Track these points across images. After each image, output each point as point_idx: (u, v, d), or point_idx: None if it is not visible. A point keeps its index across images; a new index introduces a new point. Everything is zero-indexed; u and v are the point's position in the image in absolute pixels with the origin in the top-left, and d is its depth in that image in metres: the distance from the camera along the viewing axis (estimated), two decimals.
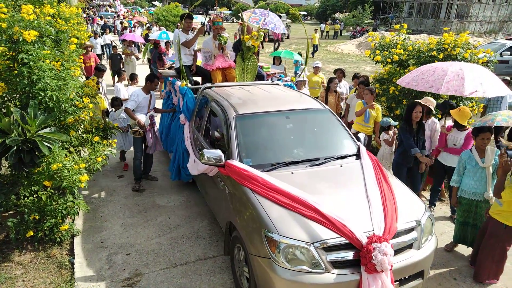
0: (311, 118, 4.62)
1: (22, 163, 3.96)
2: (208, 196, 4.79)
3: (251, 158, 3.91)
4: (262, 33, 5.97)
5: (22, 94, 4.24)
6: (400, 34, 7.17)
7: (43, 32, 4.34)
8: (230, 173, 3.74)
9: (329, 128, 4.54)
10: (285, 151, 4.12)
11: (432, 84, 4.90)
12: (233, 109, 4.33)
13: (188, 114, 5.42)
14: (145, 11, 38.96)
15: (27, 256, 4.23)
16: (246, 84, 5.69)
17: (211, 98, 4.93)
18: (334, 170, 3.89)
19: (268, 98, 4.85)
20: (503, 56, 14.86)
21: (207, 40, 6.25)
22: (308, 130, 4.55)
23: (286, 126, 4.42)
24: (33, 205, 4.15)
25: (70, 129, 4.63)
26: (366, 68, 18.67)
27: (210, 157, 3.85)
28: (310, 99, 4.96)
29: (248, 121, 4.27)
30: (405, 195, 3.71)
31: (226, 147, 4.10)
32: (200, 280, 3.94)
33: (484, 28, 35.45)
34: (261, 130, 4.32)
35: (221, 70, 6.26)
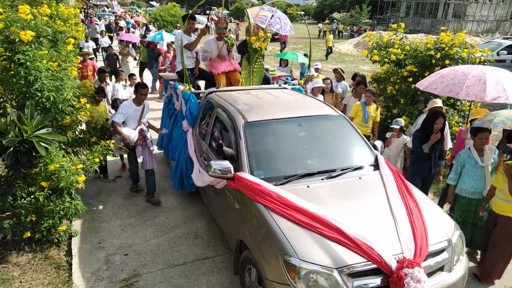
0: (324, 125, 4.31)
1: (19, 163, 3.94)
2: (215, 209, 4.54)
3: (262, 170, 3.62)
4: (269, 34, 5.73)
5: (19, 95, 4.22)
6: (398, 34, 7.18)
7: (40, 32, 4.32)
8: (240, 187, 3.46)
9: (344, 135, 4.25)
10: (298, 162, 3.84)
11: (451, 88, 4.71)
12: (242, 116, 4.05)
13: (191, 120, 5.15)
14: (142, 11, 38.87)
15: (24, 257, 4.22)
16: (252, 88, 5.45)
17: (217, 103, 4.67)
18: (353, 183, 3.59)
19: (278, 104, 4.57)
20: (500, 56, 14.89)
21: (210, 40, 5.97)
22: (322, 139, 4.22)
23: (299, 134, 4.11)
24: (30, 206, 4.13)
25: (68, 129, 4.62)
26: (364, 67, 18.70)
27: (218, 169, 3.55)
28: (322, 104, 4.68)
29: (258, 129, 3.98)
30: (432, 211, 3.41)
31: (235, 157, 3.81)
32: (198, 280, 3.93)
33: (481, 28, 35.57)
34: (272, 139, 4.03)
35: (225, 74, 5.94)
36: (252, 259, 3.19)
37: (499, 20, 36.86)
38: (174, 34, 14.85)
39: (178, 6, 27.77)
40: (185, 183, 5.27)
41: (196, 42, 5.87)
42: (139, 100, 5.20)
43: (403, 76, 6.58)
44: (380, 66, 7.15)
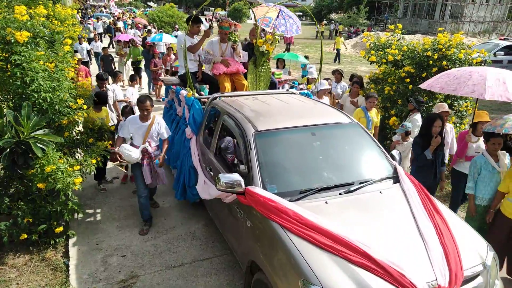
0: (339, 133, 4.04)
1: (15, 165, 3.93)
2: (222, 224, 4.22)
3: (275, 184, 3.35)
4: (277, 37, 5.46)
5: (16, 96, 4.20)
6: (395, 35, 7.20)
7: (37, 33, 4.30)
8: (252, 203, 3.17)
9: (360, 145, 3.98)
10: (313, 174, 3.58)
11: (473, 89, 4.60)
12: (251, 125, 3.77)
13: (195, 127, 4.84)
14: (140, 12, 38.84)
15: (21, 258, 4.20)
16: (259, 93, 5.15)
17: (223, 110, 4.39)
18: (374, 198, 3.31)
19: (288, 111, 4.30)
20: (497, 56, 14.97)
21: (213, 41, 5.70)
22: (337, 149, 3.95)
23: (313, 144, 3.84)
24: (26, 207, 4.11)
25: (65, 130, 4.60)
26: (362, 68, 18.74)
27: (227, 183, 3.28)
28: (335, 111, 4.41)
29: (269, 139, 3.71)
30: (462, 230, 3.14)
31: (246, 170, 3.54)
32: (196, 282, 3.92)
33: (478, 28, 35.71)
34: (285, 150, 3.75)
35: (229, 77, 5.64)
36: (267, 283, 2.92)
37: (496, 21, 37.01)
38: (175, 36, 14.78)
39: (176, 7, 27.73)
40: (188, 193, 5.00)
41: (199, 44, 5.57)
42: (142, 115, 4.61)
43: (400, 77, 6.60)
44: (378, 67, 7.16)
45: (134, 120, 4.66)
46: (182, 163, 5.08)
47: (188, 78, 5.02)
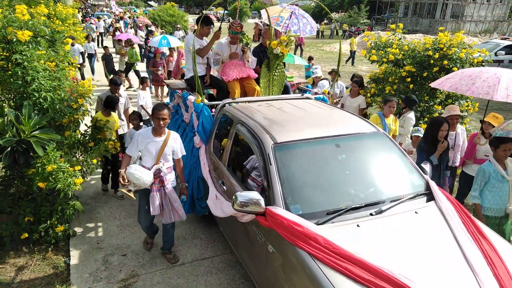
0: (365, 144, 3.68)
1: (16, 164, 3.94)
2: (237, 244, 3.80)
3: (300, 204, 3.02)
4: (292, 38, 5.08)
5: (17, 95, 4.21)
6: (396, 34, 7.19)
7: (38, 32, 4.31)
8: (274, 226, 2.83)
9: (388, 157, 3.66)
10: (340, 192, 3.25)
11: (487, 91, 4.50)
12: (269, 136, 3.42)
13: (204, 136, 4.52)
14: (140, 11, 38.84)
15: (22, 258, 4.20)
16: (272, 98, 4.84)
17: (235, 118, 4.05)
18: (409, 220, 2.98)
19: (307, 119, 3.94)
20: (498, 56, 14.95)
21: (222, 42, 5.41)
22: (363, 162, 3.57)
23: (338, 157, 3.50)
24: (27, 206, 4.12)
25: (66, 129, 4.61)
26: (362, 67, 18.71)
27: (245, 202, 2.92)
28: (357, 118, 4.05)
29: (290, 152, 3.37)
30: (510, 254, 2.81)
31: (265, 186, 3.20)
32: (196, 281, 3.92)
33: (479, 28, 35.67)
34: (308, 164, 3.40)
35: (239, 81, 5.30)
36: None
37: (497, 21, 36.96)
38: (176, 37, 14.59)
39: (177, 6, 27.73)
40: (197, 206, 4.65)
41: (208, 47, 5.24)
42: (157, 129, 3.80)
43: (401, 76, 6.59)
44: (379, 66, 7.15)
45: (146, 134, 3.83)
46: (190, 174, 4.70)
47: (197, 82, 4.68)
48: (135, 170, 3.64)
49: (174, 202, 3.93)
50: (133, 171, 3.64)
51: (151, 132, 3.84)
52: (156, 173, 3.81)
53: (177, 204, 3.96)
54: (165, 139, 3.86)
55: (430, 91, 6.50)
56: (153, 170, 3.79)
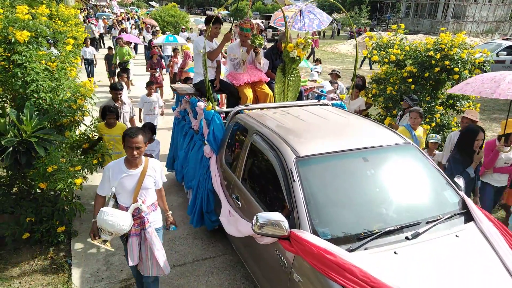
0: (394, 158, 3.38)
1: (18, 164, 3.94)
2: (254, 266, 3.42)
3: (328, 227, 2.72)
4: (310, 41, 4.74)
5: (18, 95, 4.22)
6: (397, 34, 7.18)
7: (39, 32, 4.32)
8: (301, 253, 2.53)
9: (420, 171, 3.36)
10: (371, 212, 2.94)
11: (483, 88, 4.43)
12: (291, 149, 3.12)
13: (215, 145, 4.24)
14: (142, 12, 38.89)
15: (23, 257, 4.21)
16: (287, 105, 4.58)
17: (250, 127, 3.75)
18: (452, 246, 2.70)
19: (330, 129, 3.65)
20: (500, 56, 14.92)
21: (233, 45, 5.18)
22: (394, 177, 3.25)
23: (366, 172, 3.20)
24: (29, 206, 4.13)
25: (66, 130, 4.61)
26: (364, 68, 18.69)
27: (267, 224, 2.63)
28: (383, 128, 3.73)
29: (315, 167, 3.08)
30: None
31: (288, 206, 2.90)
32: (198, 281, 3.92)
33: (480, 28, 35.63)
34: (335, 181, 3.11)
35: (250, 86, 5.07)
36: None
37: (498, 21, 36.90)
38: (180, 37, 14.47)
39: (178, 6, 27.77)
40: (206, 219, 4.39)
41: (219, 49, 5.01)
42: (131, 158, 3.06)
43: (402, 77, 6.58)
44: (380, 67, 7.15)
45: (117, 167, 3.11)
46: (199, 185, 4.43)
47: (207, 88, 4.35)
48: (107, 215, 2.98)
49: (156, 250, 3.15)
50: (105, 216, 2.97)
51: (123, 163, 3.11)
52: (135, 213, 3.12)
53: (159, 252, 3.17)
54: (142, 171, 3.12)
55: (431, 92, 6.50)
56: (131, 210, 3.10)
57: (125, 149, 3.04)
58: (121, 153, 4.53)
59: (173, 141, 5.95)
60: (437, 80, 6.38)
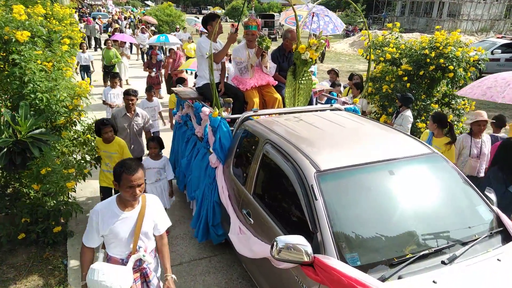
0: (422, 171, 3.09)
1: (13, 164, 3.92)
2: None
3: (357, 252, 2.43)
4: (323, 41, 4.42)
5: (13, 95, 4.20)
6: (393, 33, 7.21)
7: (35, 32, 4.30)
8: (329, 284, 2.26)
9: (449, 185, 3.09)
10: (402, 233, 2.64)
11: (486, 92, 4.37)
12: (310, 161, 2.81)
13: (222, 154, 3.94)
14: (138, 11, 38.76)
15: (19, 258, 4.19)
16: (298, 110, 4.32)
17: (262, 136, 3.42)
18: (494, 271, 2.43)
19: (349, 138, 3.36)
20: (494, 54, 15.03)
21: (239, 47, 4.85)
22: (424, 193, 2.96)
23: (393, 187, 2.92)
24: (24, 207, 4.11)
25: (62, 130, 4.59)
26: (360, 67, 18.74)
27: (287, 249, 2.33)
28: (406, 136, 3.45)
29: (338, 183, 2.78)
30: None
31: (310, 228, 2.57)
32: (194, 281, 3.93)
33: (475, 27, 35.82)
34: (360, 198, 2.79)
35: (257, 90, 4.76)
36: None
37: (493, 19, 37.12)
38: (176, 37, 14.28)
39: (174, 5, 27.70)
40: (211, 233, 4.13)
41: (224, 51, 4.69)
42: (130, 200, 2.47)
43: (398, 75, 6.61)
44: (376, 65, 7.17)
45: (108, 210, 2.47)
46: (204, 197, 4.17)
47: (214, 94, 4.00)
48: (101, 275, 2.32)
49: None
50: (98, 276, 2.32)
51: (116, 205, 2.48)
52: (135, 266, 2.53)
53: None
54: (140, 211, 2.51)
55: (427, 90, 6.53)
56: (131, 264, 2.48)
57: (122, 190, 2.39)
58: None
59: (174, 147, 5.69)
60: (432, 78, 6.41)
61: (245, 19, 4.96)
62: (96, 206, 2.54)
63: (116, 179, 2.42)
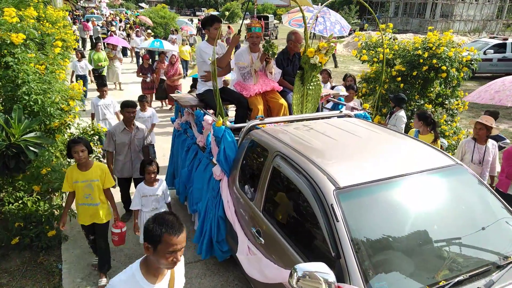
0: (447, 185, 2.86)
1: (6, 168, 3.89)
2: None
3: (385, 280, 2.20)
4: (333, 44, 4.18)
5: (6, 98, 4.17)
6: (386, 34, 7.25)
7: (27, 35, 4.28)
8: None
9: (477, 200, 2.87)
10: (433, 256, 2.41)
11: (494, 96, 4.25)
12: (327, 177, 2.55)
13: (226, 166, 3.68)
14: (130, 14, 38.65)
15: (13, 263, 4.16)
16: (308, 118, 4.11)
17: (271, 147, 3.16)
18: None
19: (366, 149, 3.10)
20: (487, 54, 15.15)
21: (241, 51, 4.57)
22: (451, 209, 2.75)
23: (419, 204, 2.67)
24: (18, 211, 4.08)
25: (56, 133, 4.57)
26: (354, 67, 18.82)
27: (308, 277, 2.08)
28: (425, 145, 3.21)
29: (361, 201, 2.54)
30: None
31: (331, 253, 2.31)
32: (190, 283, 3.91)
33: (468, 27, 36.14)
34: (385, 217, 2.54)
35: (261, 96, 4.50)
36: None
37: (485, 20, 37.47)
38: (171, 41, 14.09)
39: (168, 7, 27.67)
40: (216, 249, 3.89)
41: (228, 55, 4.42)
42: (159, 266, 1.96)
43: (392, 76, 6.65)
44: (370, 66, 7.21)
45: (131, 283, 1.95)
46: (208, 211, 3.93)
47: (218, 103, 3.74)
48: None
49: None
50: None
51: (141, 274, 1.96)
52: None
53: None
54: (170, 280, 2.09)
55: (420, 90, 6.57)
56: None
57: (161, 255, 1.87)
58: (98, 205, 3.60)
59: (173, 155, 5.40)
60: (425, 79, 6.45)
61: (246, 21, 4.73)
62: (115, 280, 1.96)
63: (152, 240, 1.86)
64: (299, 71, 4.36)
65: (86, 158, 3.49)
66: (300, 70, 4.34)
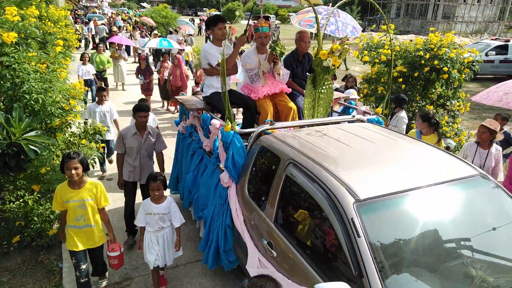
0: (472, 196, 2.73)
1: (7, 167, 3.90)
2: None
3: None
4: (347, 47, 4.00)
5: (6, 98, 4.17)
6: (388, 35, 7.25)
7: (28, 34, 4.28)
8: None
9: (502, 212, 2.71)
10: (460, 274, 2.30)
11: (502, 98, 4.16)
12: (346, 188, 2.39)
13: (235, 173, 3.51)
14: (132, 13, 38.70)
15: (14, 261, 4.16)
16: (319, 122, 3.96)
17: (283, 155, 3.00)
18: None
19: (384, 156, 2.94)
20: (489, 56, 15.14)
21: (248, 53, 4.43)
22: (477, 223, 2.61)
23: (444, 217, 2.53)
24: (18, 210, 4.08)
25: (57, 132, 4.57)
26: (355, 68, 18.80)
27: None
28: (443, 153, 3.05)
29: (382, 215, 2.40)
30: None
31: (352, 271, 2.16)
32: (190, 283, 3.91)
33: (470, 29, 36.09)
34: (409, 232, 2.37)
35: (269, 98, 4.36)
36: None
37: (487, 21, 37.42)
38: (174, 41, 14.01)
39: (170, 7, 27.70)
40: (223, 259, 3.70)
41: (234, 56, 4.16)
42: None
43: (393, 77, 6.64)
44: (371, 67, 7.21)
45: None
46: (214, 219, 3.76)
47: (226, 105, 3.56)
48: None
49: None
50: None
51: None
52: None
53: None
54: None
55: (422, 91, 6.57)
56: None
57: None
58: (93, 227, 3.35)
59: (177, 160, 5.22)
60: (427, 80, 6.45)
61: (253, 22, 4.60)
62: None
63: None
64: (311, 74, 4.18)
65: (79, 176, 3.18)
66: (311, 72, 4.20)
